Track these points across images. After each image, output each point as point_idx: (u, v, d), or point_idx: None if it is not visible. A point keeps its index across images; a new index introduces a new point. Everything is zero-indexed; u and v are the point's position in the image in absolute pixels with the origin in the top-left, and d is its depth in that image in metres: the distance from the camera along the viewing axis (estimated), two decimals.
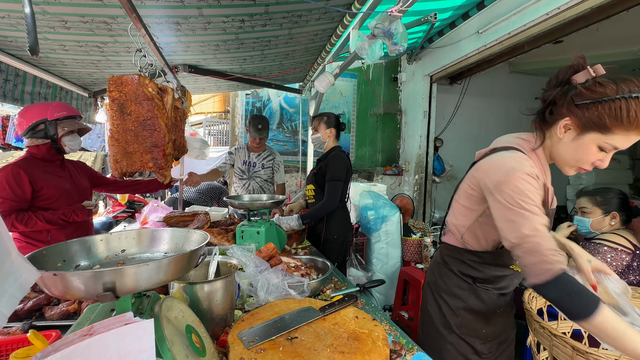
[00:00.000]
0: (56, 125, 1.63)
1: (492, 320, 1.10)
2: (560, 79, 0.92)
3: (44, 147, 1.67)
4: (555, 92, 0.91)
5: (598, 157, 0.87)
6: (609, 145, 0.84)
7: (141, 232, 0.75)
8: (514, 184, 0.85)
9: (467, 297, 1.07)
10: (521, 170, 0.86)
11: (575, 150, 0.89)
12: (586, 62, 0.88)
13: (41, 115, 1.61)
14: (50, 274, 0.47)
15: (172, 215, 1.92)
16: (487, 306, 1.08)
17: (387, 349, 0.78)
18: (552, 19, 2.21)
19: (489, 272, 1.06)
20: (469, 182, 1.04)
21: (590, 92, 0.83)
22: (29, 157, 1.65)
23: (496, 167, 0.92)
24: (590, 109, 0.83)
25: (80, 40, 1.96)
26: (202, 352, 0.67)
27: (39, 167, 1.62)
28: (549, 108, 0.94)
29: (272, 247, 1.28)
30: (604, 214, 1.75)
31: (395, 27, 1.70)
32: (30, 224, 1.58)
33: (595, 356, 0.72)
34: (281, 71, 3.08)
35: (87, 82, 2.92)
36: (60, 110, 1.65)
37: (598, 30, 2.55)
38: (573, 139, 0.89)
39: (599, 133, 0.83)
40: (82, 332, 0.51)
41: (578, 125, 0.87)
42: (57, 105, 1.66)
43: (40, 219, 1.60)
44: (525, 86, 4.61)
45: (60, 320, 0.95)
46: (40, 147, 1.66)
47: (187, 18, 1.77)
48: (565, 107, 0.88)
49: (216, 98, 8.14)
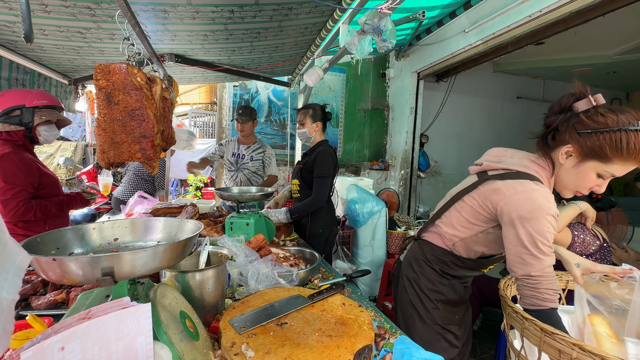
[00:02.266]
0: (33, 112, 1.58)
1: (460, 306, 1.22)
2: (562, 105, 0.95)
3: (17, 134, 1.61)
4: (559, 118, 0.94)
5: (596, 183, 0.91)
6: (608, 173, 0.88)
7: (134, 221, 0.76)
8: (538, 225, 0.86)
9: (447, 292, 1.16)
10: (548, 211, 0.87)
11: (575, 177, 0.93)
12: (588, 91, 0.92)
13: (19, 101, 1.56)
14: (49, 259, 0.48)
15: (160, 207, 1.91)
16: (459, 296, 1.20)
17: (373, 333, 0.83)
18: (534, 21, 2.29)
19: (464, 272, 1.17)
20: (480, 201, 1.02)
21: (592, 121, 0.87)
22: (13, 145, 1.59)
23: (523, 199, 0.90)
24: (592, 138, 0.86)
25: (61, 26, 1.89)
26: (195, 337, 0.70)
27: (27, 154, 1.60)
28: (552, 133, 0.97)
29: (262, 238, 1.30)
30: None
31: (385, 23, 1.73)
32: (46, 210, 1.59)
33: (560, 336, 0.79)
34: (270, 64, 3.06)
35: (67, 68, 2.81)
36: (41, 98, 1.60)
37: (576, 33, 2.67)
38: (574, 165, 0.92)
39: (599, 162, 0.88)
40: (80, 315, 0.52)
41: (579, 153, 0.90)
42: (38, 93, 1.61)
43: (53, 206, 1.61)
44: (508, 86, 4.76)
45: (47, 310, 0.95)
46: (12, 134, 1.60)
47: (175, 6, 1.74)
48: (567, 134, 0.92)
49: (202, 89, 7.97)
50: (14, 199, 1.50)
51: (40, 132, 1.64)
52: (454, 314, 1.18)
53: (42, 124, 1.64)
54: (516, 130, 4.90)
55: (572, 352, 0.76)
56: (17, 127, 1.59)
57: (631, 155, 0.83)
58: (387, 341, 0.87)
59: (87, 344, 0.49)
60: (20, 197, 1.51)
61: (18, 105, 1.55)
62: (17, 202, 1.50)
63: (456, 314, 1.19)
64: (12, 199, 1.50)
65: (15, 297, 0.35)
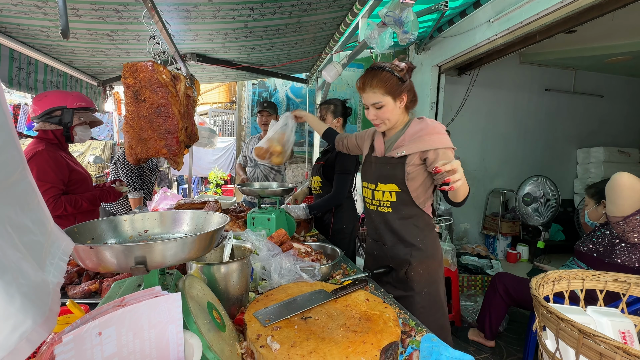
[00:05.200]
0: (73, 113, 1.69)
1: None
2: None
3: (56, 132, 1.71)
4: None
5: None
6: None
7: (163, 213, 0.78)
8: None
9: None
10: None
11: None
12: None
13: (60, 102, 1.67)
14: (87, 247, 0.50)
15: (183, 203, 1.96)
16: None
17: (399, 329, 0.81)
18: (566, 7, 2.16)
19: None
20: None
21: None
22: (47, 142, 1.70)
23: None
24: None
25: (91, 29, 1.97)
26: (222, 328, 0.71)
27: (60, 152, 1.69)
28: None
29: (284, 233, 1.31)
30: (596, 204, 1.88)
31: (407, 15, 1.69)
32: (77, 205, 1.67)
33: (601, 339, 0.74)
34: (288, 60, 3.07)
35: (96, 70, 2.94)
36: (80, 100, 1.72)
37: (613, 19, 2.50)
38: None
39: None
40: (115, 302, 0.54)
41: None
42: (77, 96, 1.73)
43: (84, 201, 1.70)
44: (536, 77, 4.53)
45: (82, 298, 1.00)
46: (51, 133, 1.70)
47: (197, 5, 1.77)
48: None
49: (221, 88, 8.11)
50: (44, 195, 1.58)
51: (77, 132, 1.76)
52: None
53: (79, 124, 1.75)
54: (544, 124, 4.67)
55: (616, 355, 0.71)
56: (57, 127, 1.70)
57: None
58: (413, 338, 0.85)
59: (122, 330, 0.51)
60: (50, 194, 1.60)
61: (60, 106, 1.66)
62: (47, 199, 1.59)
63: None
64: (43, 195, 1.58)
65: (61, 280, 0.36)
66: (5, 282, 0.27)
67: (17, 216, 0.36)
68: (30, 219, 0.38)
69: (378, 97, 1.18)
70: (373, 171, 1.32)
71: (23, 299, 0.28)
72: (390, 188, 1.26)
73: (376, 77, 1.17)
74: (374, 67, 1.20)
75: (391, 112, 1.21)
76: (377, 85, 1.17)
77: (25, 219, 0.37)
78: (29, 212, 0.38)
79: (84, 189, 1.79)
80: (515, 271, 2.74)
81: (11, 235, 0.33)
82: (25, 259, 0.33)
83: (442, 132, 1.20)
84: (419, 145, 1.18)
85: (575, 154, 4.84)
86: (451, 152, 1.17)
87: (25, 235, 0.36)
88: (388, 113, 1.21)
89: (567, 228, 4.34)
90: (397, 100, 1.21)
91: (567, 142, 4.78)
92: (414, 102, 1.27)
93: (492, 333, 2.25)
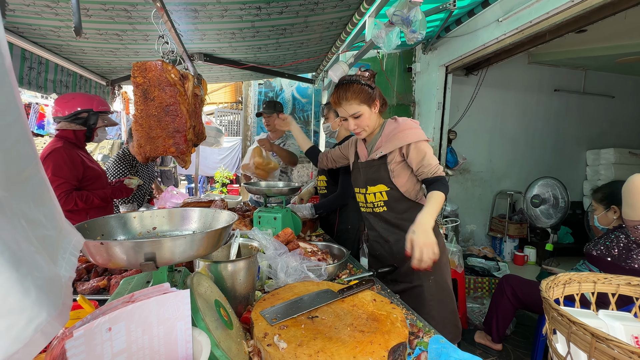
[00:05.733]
0: (98, 116, 1.83)
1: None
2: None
3: (79, 132, 1.83)
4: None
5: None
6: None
7: (172, 211, 0.78)
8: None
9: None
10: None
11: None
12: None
13: (87, 105, 1.80)
14: (98, 243, 0.50)
15: (190, 202, 1.97)
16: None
17: (406, 330, 0.80)
18: (577, 6, 2.12)
19: None
20: None
21: None
22: (66, 141, 1.78)
23: None
24: None
25: (100, 29, 2.00)
26: (230, 325, 0.71)
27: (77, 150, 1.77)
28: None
29: (290, 232, 1.31)
30: (605, 210, 1.85)
31: (414, 14, 1.68)
32: (89, 201, 1.75)
33: (615, 343, 0.73)
34: (295, 60, 3.08)
35: (105, 70, 2.98)
36: (103, 105, 1.88)
37: (626, 18, 2.45)
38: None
39: None
40: (124, 299, 0.54)
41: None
42: (100, 100, 1.88)
43: (96, 197, 1.78)
44: (545, 77, 4.47)
45: (91, 295, 1.01)
46: (71, 132, 1.81)
47: (204, 5, 1.78)
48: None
49: (227, 88, 8.15)
50: (56, 190, 1.65)
51: (98, 132, 1.90)
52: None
53: (100, 126, 1.89)
54: (553, 125, 4.60)
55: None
56: (81, 127, 1.83)
57: None
58: (421, 339, 0.84)
59: (132, 326, 0.51)
60: (62, 189, 1.67)
61: (87, 109, 1.80)
62: (58, 193, 1.67)
63: None
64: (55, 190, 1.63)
65: (72, 274, 0.36)
66: (21, 274, 0.27)
67: (31, 210, 0.36)
68: (43, 213, 0.39)
69: (354, 107, 1.26)
70: (361, 176, 1.40)
71: (38, 292, 0.28)
72: (379, 189, 1.33)
73: (349, 90, 1.26)
74: (344, 82, 1.29)
75: (369, 119, 1.29)
76: (352, 97, 1.25)
77: (38, 213, 0.38)
78: (42, 207, 0.38)
79: (99, 185, 1.89)
80: (522, 274, 2.71)
81: (25, 229, 0.33)
82: (39, 253, 0.33)
83: (414, 127, 1.28)
84: (394, 143, 1.26)
85: (585, 155, 4.76)
86: (425, 144, 1.26)
87: (38, 230, 0.37)
88: (366, 120, 1.29)
89: (576, 230, 4.26)
90: (372, 107, 1.30)
91: (577, 143, 4.71)
92: (385, 106, 1.37)
93: (499, 336, 2.22)
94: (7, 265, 0.26)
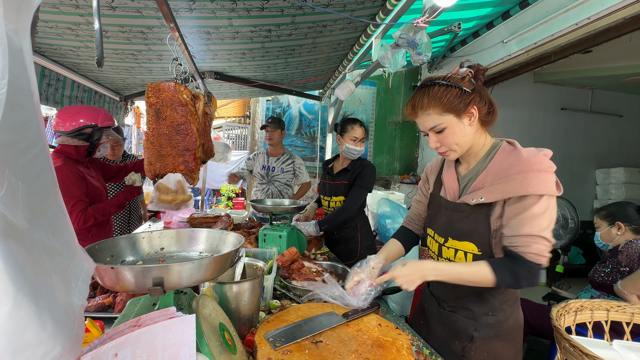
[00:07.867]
0: (102, 132, 1.73)
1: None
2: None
3: (81, 148, 1.72)
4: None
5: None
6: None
7: (180, 232, 0.79)
8: None
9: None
10: None
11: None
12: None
13: (92, 120, 1.68)
14: (108, 267, 0.51)
15: (197, 217, 1.98)
16: None
17: (412, 358, 0.79)
18: (581, 29, 2.16)
19: None
20: None
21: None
22: (66, 157, 1.69)
23: None
24: None
25: (117, 49, 2.08)
26: (233, 350, 0.70)
27: (77, 165, 1.71)
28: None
29: (295, 251, 1.30)
30: (609, 226, 1.88)
31: (420, 37, 1.72)
32: (106, 212, 1.70)
33: None
34: (303, 79, 3.15)
35: (119, 86, 3.08)
36: (109, 120, 1.75)
37: (631, 40, 2.47)
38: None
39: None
40: (131, 322, 0.55)
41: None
42: (105, 114, 1.75)
43: (112, 207, 1.73)
44: (551, 96, 4.48)
45: (96, 313, 1.01)
46: (73, 148, 1.70)
47: (217, 28, 1.86)
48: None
49: (235, 103, 8.32)
50: (73, 211, 1.59)
51: (100, 148, 1.81)
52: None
53: (104, 142, 1.80)
54: (561, 144, 4.57)
55: None
56: (84, 143, 1.71)
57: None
58: None
59: (137, 351, 0.51)
60: (78, 208, 1.60)
61: (91, 124, 1.67)
62: (76, 214, 1.59)
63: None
64: (72, 211, 1.60)
65: (84, 302, 0.37)
66: (40, 307, 0.28)
67: (49, 239, 0.37)
68: (59, 241, 0.40)
69: (434, 118, 0.90)
70: (442, 219, 1.00)
71: (54, 325, 0.28)
72: (466, 248, 0.93)
73: (427, 94, 0.90)
74: (424, 84, 0.94)
75: (459, 135, 0.90)
76: (430, 104, 0.90)
77: (55, 241, 0.39)
78: (59, 235, 0.40)
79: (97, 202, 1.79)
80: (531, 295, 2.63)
81: (43, 259, 0.34)
82: (55, 283, 0.34)
83: (544, 169, 0.82)
84: (505, 188, 0.84)
85: (594, 174, 4.70)
86: (546, 203, 0.81)
87: (55, 258, 0.38)
88: (454, 136, 0.90)
89: (587, 251, 4.16)
90: (464, 117, 0.89)
91: (585, 162, 4.66)
92: (492, 115, 0.93)
93: None
94: (26, 300, 0.27)
